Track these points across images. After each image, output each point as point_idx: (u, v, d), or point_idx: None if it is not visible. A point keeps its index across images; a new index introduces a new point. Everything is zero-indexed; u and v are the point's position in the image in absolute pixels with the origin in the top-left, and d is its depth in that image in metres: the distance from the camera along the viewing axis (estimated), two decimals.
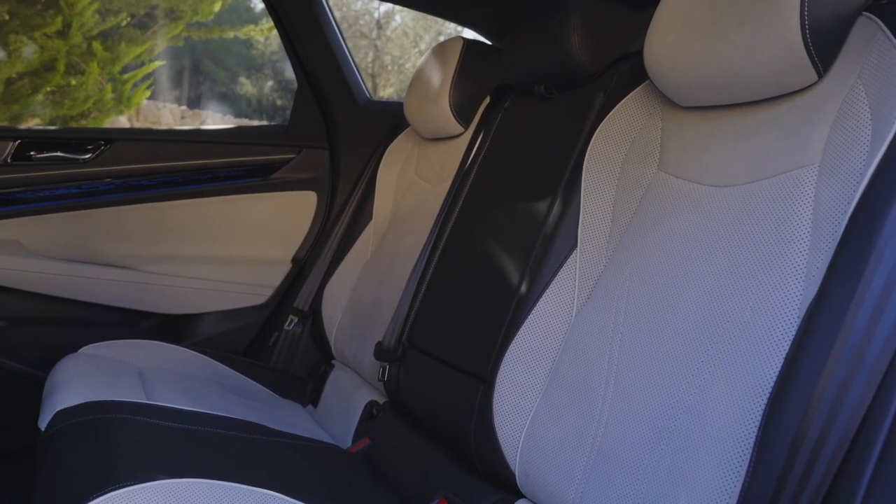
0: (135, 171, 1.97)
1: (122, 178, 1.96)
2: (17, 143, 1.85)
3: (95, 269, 1.94)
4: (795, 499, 0.65)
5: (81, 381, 1.49)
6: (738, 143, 0.99)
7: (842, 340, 0.68)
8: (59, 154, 1.90)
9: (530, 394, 1.13)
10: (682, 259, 0.99)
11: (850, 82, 0.87)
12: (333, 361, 1.93)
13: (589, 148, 1.22)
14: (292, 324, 2.06)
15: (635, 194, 1.14)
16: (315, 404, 1.89)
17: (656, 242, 1.05)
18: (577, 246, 1.17)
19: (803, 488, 0.65)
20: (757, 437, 0.75)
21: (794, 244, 0.86)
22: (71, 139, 1.93)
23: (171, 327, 2.07)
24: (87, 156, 1.92)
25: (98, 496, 0.94)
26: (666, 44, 1.05)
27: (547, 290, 1.17)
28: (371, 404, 1.63)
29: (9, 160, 1.84)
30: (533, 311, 1.17)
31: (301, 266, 2.15)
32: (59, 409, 1.32)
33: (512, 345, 1.17)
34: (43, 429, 1.30)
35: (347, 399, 1.74)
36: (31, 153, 1.87)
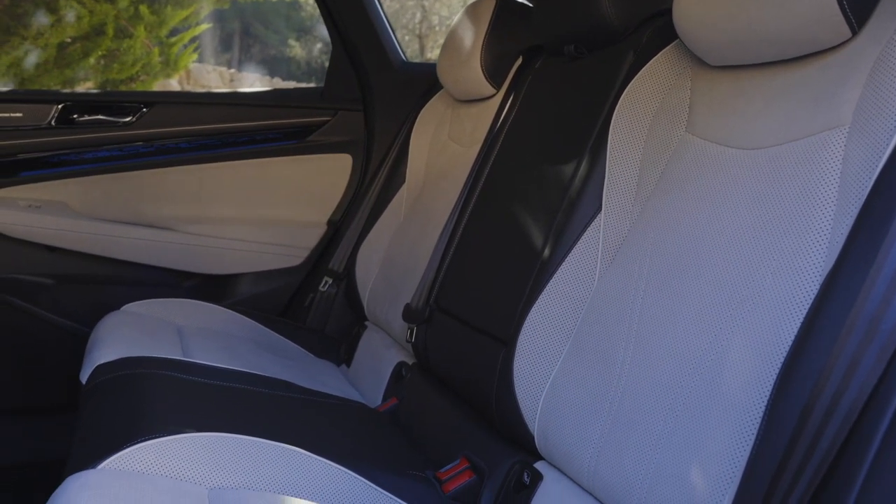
0: (173, 133, 2.01)
1: (161, 141, 2.00)
2: (60, 106, 1.90)
3: (137, 230, 2.00)
4: (801, 467, 0.64)
5: (122, 337, 1.55)
6: (767, 105, 0.96)
7: (858, 308, 0.66)
8: (100, 117, 1.94)
9: (550, 358, 1.13)
10: (706, 223, 0.97)
11: (886, 39, 0.83)
12: (366, 322, 1.96)
13: (616, 109, 1.19)
14: (327, 285, 2.09)
15: (662, 157, 1.11)
16: (348, 364, 1.93)
17: (681, 206, 1.02)
18: (601, 209, 1.16)
19: (809, 456, 0.64)
20: (768, 404, 0.74)
21: (820, 208, 0.83)
22: (112, 102, 1.97)
23: (211, 287, 2.12)
24: (128, 119, 1.96)
25: (127, 447, 0.98)
26: (695, 0, 1.01)
27: (570, 254, 1.16)
28: (400, 365, 1.66)
29: (53, 123, 1.89)
30: (555, 275, 1.16)
31: (336, 228, 2.18)
32: (98, 363, 1.38)
33: (533, 309, 1.16)
34: (84, 382, 1.36)
35: (378, 359, 1.77)
36: (74, 116, 1.92)
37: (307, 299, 2.12)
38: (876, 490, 0.59)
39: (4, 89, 1.87)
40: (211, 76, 9.34)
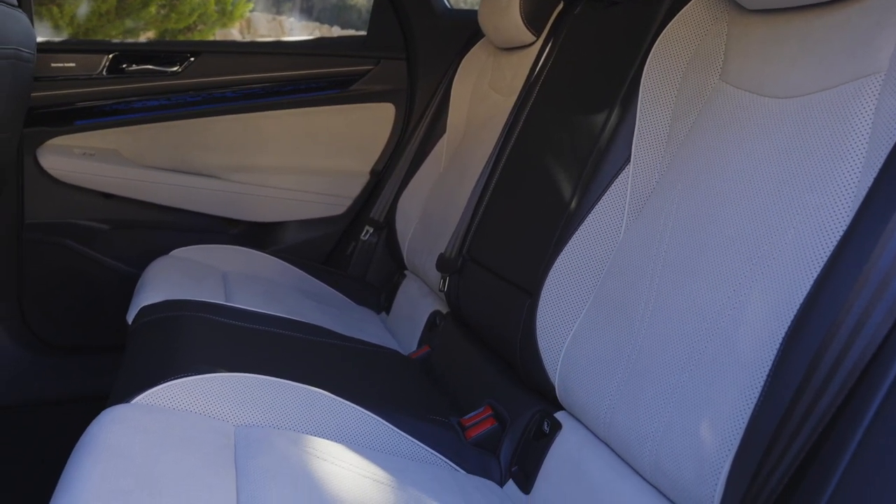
0: (219, 83, 2.04)
1: (207, 91, 2.04)
2: (111, 56, 1.95)
3: (186, 178, 2.06)
4: (801, 424, 0.63)
5: (167, 280, 1.61)
6: (803, 51, 0.91)
7: (871, 264, 0.63)
8: (149, 67, 1.99)
9: (573, 310, 1.13)
10: (733, 176, 0.94)
11: None
12: (405, 272, 1.98)
13: (650, 56, 1.16)
14: (368, 234, 2.12)
15: (694, 106, 1.08)
16: (387, 312, 1.97)
17: (710, 158, 0.99)
18: (630, 160, 1.13)
19: (809, 413, 0.62)
20: (774, 361, 0.73)
21: (848, 161, 0.80)
22: (160, 52, 2.01)
23: (257, 234, 2.18)
24: (175, 68, 2.00)
25: (160, 384, 1.03)
26: None
27: (596, 206, 1.14)
28: (435, 314, 1.68)
29: (104, 73, 1.94)
30: (581, 228, 1.15)
31: (379, 178, 2.19)
32: (143, 305, 1.44)
33: (558, 261, 1.16)
34: (130, 322, 1.43)
35: (414, 308, 1.80)
36: (124, 66, 1.97)
37: (349, 248, 2.15)
38: (871, 449, 0.57)
39: (58, 39, 1.92)
40: (271, 25, 9.39)
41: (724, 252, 0.90)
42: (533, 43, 1.68)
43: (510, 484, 1.14)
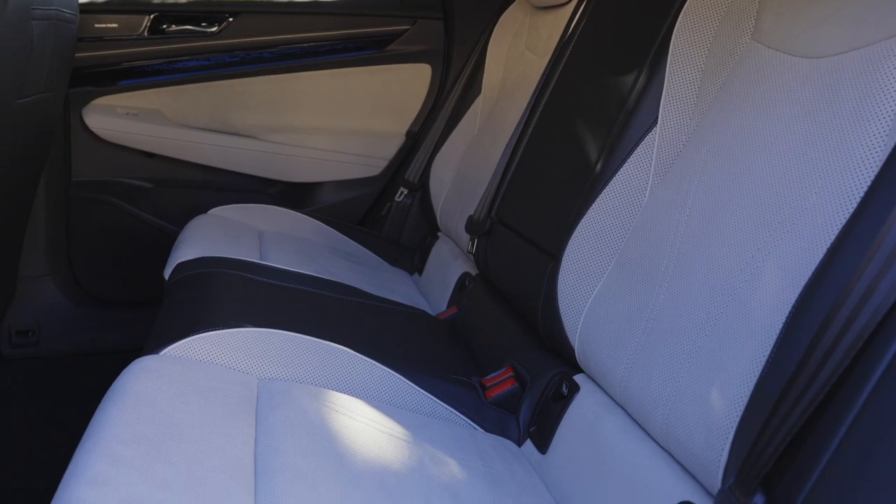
0: (257, 43, 2.06)
1: (245, 51, 2.06)
2: (152, 17, 1.98)
3: (225, 138, 2.10)
4: (804, 390, 0.62)
5: (204, 238, 1.66)
6: (836, 9, 0.88)
7: (885, 230, 0.61)
8: (188, 28, 2.01)
9: (595, 273, 1.12)
10: (758, 139, 0.91)
11: None
12: (438, 233, 1.99)
13: (681, 15, 1.12)
14: (402, 195, 2.13)
15: (725, 67, 1.05)
16: (420, 273, 1.98)
17: (737, 120, 0.97)
18: (657, 122, 1.11)
19: (813, 380, 0.61)
20: (783, 327, 0.72)
21: (875, 123, 0.77)
22: (199, 13, 2.03)
23: (294, 195, 2.21)
24: (214, 29, 2.02)
25: (188, 337, 1.07)
26: None
27: (622, 169, 1.13)
28: (465, 276, 1.69)
29: (145, 34, 1.98)
30: (605, 190, 1.14)
31: (414, 139, 2.19)
32: (179, 261, 1.49)
33: (581, 224, 1.15)
34: (166, 278, 1.48)
35: (446, 269, 1.81)
36: (164, 27, 2.00)
37: (384, 209, 2.17)
38: (870, 417, 0.56)
39: (100, 0, 1.95)
40: None
41: (746, 216, 0.88)
42: (568, 2, 1.65)
43: (528, 444, 1.16)
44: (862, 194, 0.73)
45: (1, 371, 1.90)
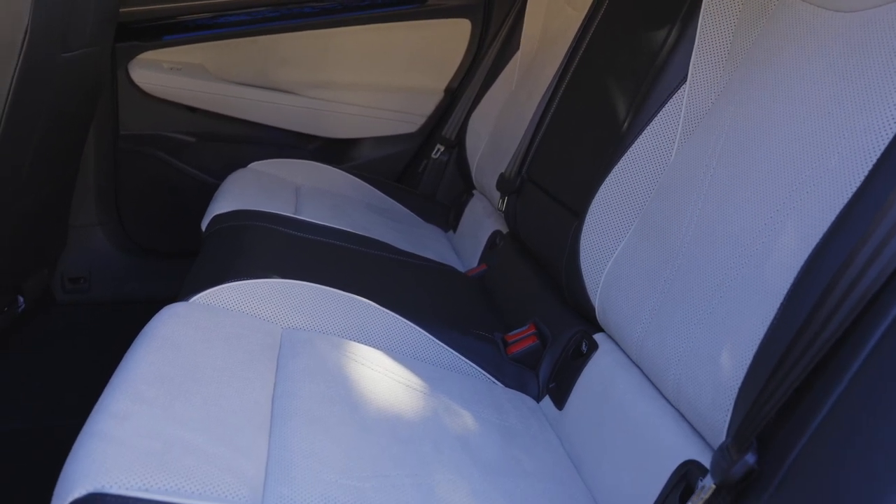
0: None
1: (285, 6, 2.07)
2: None
3: (265, 93, 2.12)
4: (805, 350, 0.61)
5: (242, 192, 1.70)
6: None
7: (894, 196, 0.59)
8: None
9: (617, 233, 1.12)
10: (785, 96, 0.89)
11: None
12: (473, 191, 2.00)
13: None
14: (439, 152, 2.13)
15: (758, 22, 1.01)
16: (455, 230, 2.00)
17: (766, 77, 0.94)
18: (686, 80, 1.09)
19: (814, 341, 0.61)
20: (790, 288, 0.71)
21: None
22: None
23: (333, 150, 2.24)
24: None
25: (217, 285, 1.11)
26: None
27: (648, 127, 1.11)
28: (496, 234, 1.70)
29: None
30: (631, 149, 1.12)
31: (453, 95, 2.18)
32: (215, 214, 1.53)
33: (605, 182, 1.14)
34: (203, 230, 1.53)
35: (478, 227, 1.82)
36: None
37: (421, 166, 2.18)
38: (865, 380, 0.56)
39: None
40: None
41: (767, 176, 0.86)
42: None
43: (546, 400, 1.17)
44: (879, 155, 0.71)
45: (54, 314, 1.99)
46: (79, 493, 0.63)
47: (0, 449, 1.46)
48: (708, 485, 0.66)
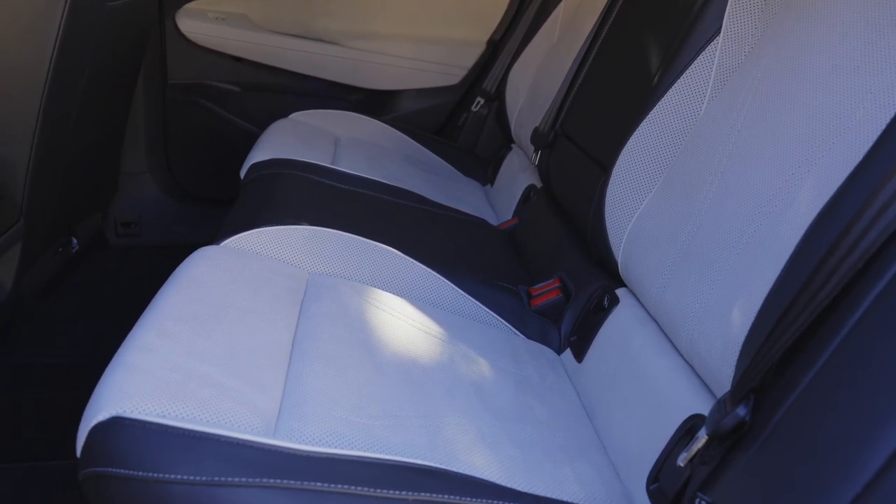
0: None
1: None
2: None
3: (309, 44, 2.14)
4: (805, 307, 0.61)
5: (280, 141, 1.73)
6: None
7: None
8: None
9: (643, 188, 1.11)
10: (818, 49, 0.86)
11: None
12: (512, 144, 1.99)
13: None
14: (479, 105, 2.12)
15: None
16: (493, 184, 2.00)
17: (800, 28, 0.91)
18: (720, 32, 1.06)
19: (814, 297, 0.60)
20: (798, 244, 0.70)
21: None
22: None
23: (374, 102, 2.25)
24: None
25: (247, 230, 1.15)
26: None
27: (678, 81, 1.09)
28: (530, 188, 1.69)
29: None
30: (659, 103, 1.10)
31: (495, 48, 2.16)
32: (253, 161, 1.57)
33: (633, 137, 1.13)
34: (242, 177, 1.57)
35: (513, 181, 1.82)
36: None
37: (461, 119, 2.18)
38: (854, 342, 0.55)
39: None
40: None
41: (791, 132, 0.84)
42: None
43: (567, 353, 1.19)
44: None
45: (107, 257, 2.09)
46: (102, 416, 0.68)
47: (50, 380, 1.56)
48: (702, 436, 0.67)
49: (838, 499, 0.49)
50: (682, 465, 0.70)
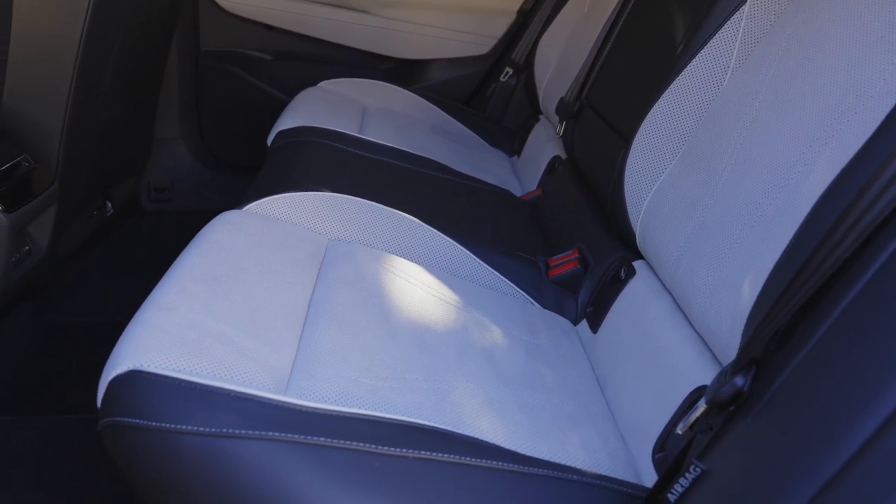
0: None
1: None
2: None
3: (339, 12, 2.14)
4: (809, 277, 0.61)
5: (308, 109, 1.75)
6: None
7: None
8: None
9: (662, 160, 1.10)
10: (843, 17, 0.84)
11: None
12: (540, 115, 1.98)
13: None
14: (508, 75, 2.11)
15: None
16: (519, 155, 1.99)
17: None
18: (746, 1, 1.04)
19: (819, 267, 0.60)
20: (807, 215, 0.69)
21: None
22: None
23: (404, 71, 2.25)
24: None
25: (269, 195, 1.17)
26: None
27: (701, 51, 1.07)
28: (555, 159, 1.69)
29: None
30: (682, 74, 1.09)
31: (525, 17, 2.14)
32: (280, 129, 1.59)
33: (654, 108, 1.12)
34: (269, 145, 1.59)
35: (539, 152, 1.81)
36: None
37: (489, 89, 2.17)
38: (853, 314, 0.55)
39: None
40: None
41: (812, 103, 0.83)
42: None
43: (583, 324, 1.19)
44: None
45: (141, 222, 2.14)
46: (121, 369, 0.71)
47: (82, 337, 1.62)
48: (701, 405, 0.68)
49: (826, 466, 0.50)
50: (680, 432, 0.70)
